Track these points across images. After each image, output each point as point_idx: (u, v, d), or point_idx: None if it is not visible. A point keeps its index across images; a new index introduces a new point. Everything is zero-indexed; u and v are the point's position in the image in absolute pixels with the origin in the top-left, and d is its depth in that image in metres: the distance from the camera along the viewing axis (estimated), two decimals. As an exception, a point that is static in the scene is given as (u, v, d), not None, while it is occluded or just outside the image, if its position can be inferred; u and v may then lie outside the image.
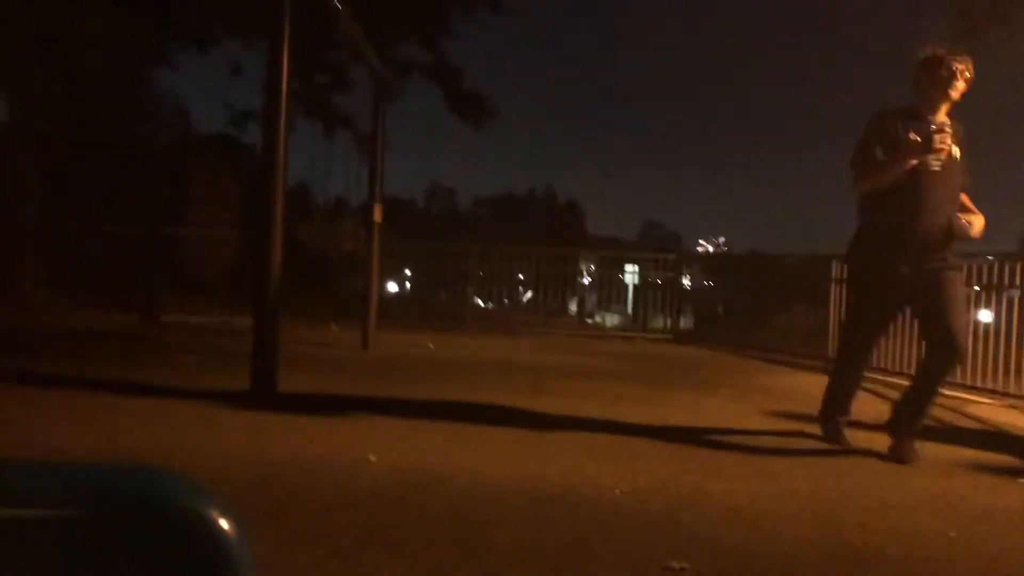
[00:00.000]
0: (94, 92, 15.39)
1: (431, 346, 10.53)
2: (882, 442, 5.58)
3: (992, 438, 6.27)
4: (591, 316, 19.66)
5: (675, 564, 3.13)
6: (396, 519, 3.52)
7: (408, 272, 17.54)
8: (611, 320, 19.48)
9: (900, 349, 9.29)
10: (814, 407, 7.16)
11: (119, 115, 19.62)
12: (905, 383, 8.80)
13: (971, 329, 8.47)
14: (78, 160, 15.78)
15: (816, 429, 6.10)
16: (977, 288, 8.83)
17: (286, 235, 6.43)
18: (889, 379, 9.21)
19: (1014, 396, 7.79)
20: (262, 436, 4.94)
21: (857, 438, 5.85)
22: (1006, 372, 7.93)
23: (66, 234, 12.59)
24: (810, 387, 8.61)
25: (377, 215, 9.57)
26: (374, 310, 9.70)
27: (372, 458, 4.50)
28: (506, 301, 16.56)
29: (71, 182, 15.02)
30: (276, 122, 6.18)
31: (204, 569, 0.86)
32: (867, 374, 8.69)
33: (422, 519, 3.54)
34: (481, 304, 15.75)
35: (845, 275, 9.50)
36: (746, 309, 14.59)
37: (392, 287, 17.36)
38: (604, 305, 19.70)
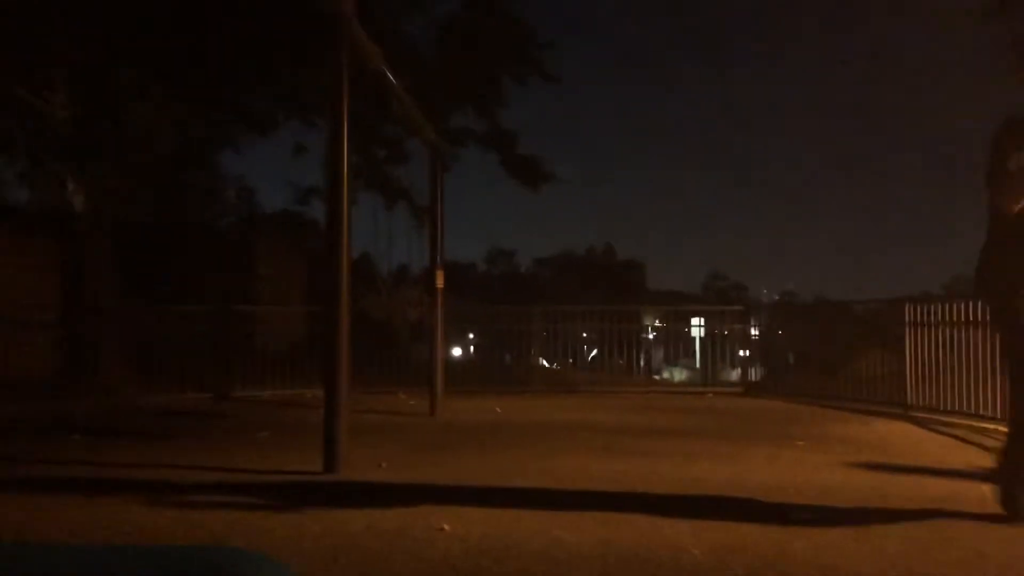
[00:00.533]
0: (163, 178, 16.05)
1: (499, 410, 10.51)
2: (971, 493, 5.36)
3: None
4: (659, 372, 19.44)
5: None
6: (472, 589, 3.48)
7: (472, 336, 17.63)
8: (679, 375, 19.24)
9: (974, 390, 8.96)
10: (895, 457, 6.94)
11: (188, 199, 20.40)
12: (990, 426, 8.47)
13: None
14: (151, 244, 16.38)
15: (899, 480, 5.90)
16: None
17: (352, 306, 6.54)
18: (973, 423, 8.88)
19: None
20: (335, 508, 4.97)
21: (941, 487, 5.63)
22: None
23: (142, 317, 13.02)
24: (889, 435, 8.34)
25: (439, 281, 9.69)
26: (440, 376, 9.74)
27: (445, 527, 4.48)
28: (571, 360, 16.49)
29: (144, 265, 15.57)
30: (338, 198, 6.34)
31: None
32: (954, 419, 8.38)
33: (499, 588, 3.49)
34: (546, 365, 15.71)
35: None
36: (817, 357, 14.26)
37: (457, 351, 17.46)
38: (671, 360, 19.48)
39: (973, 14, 16.53)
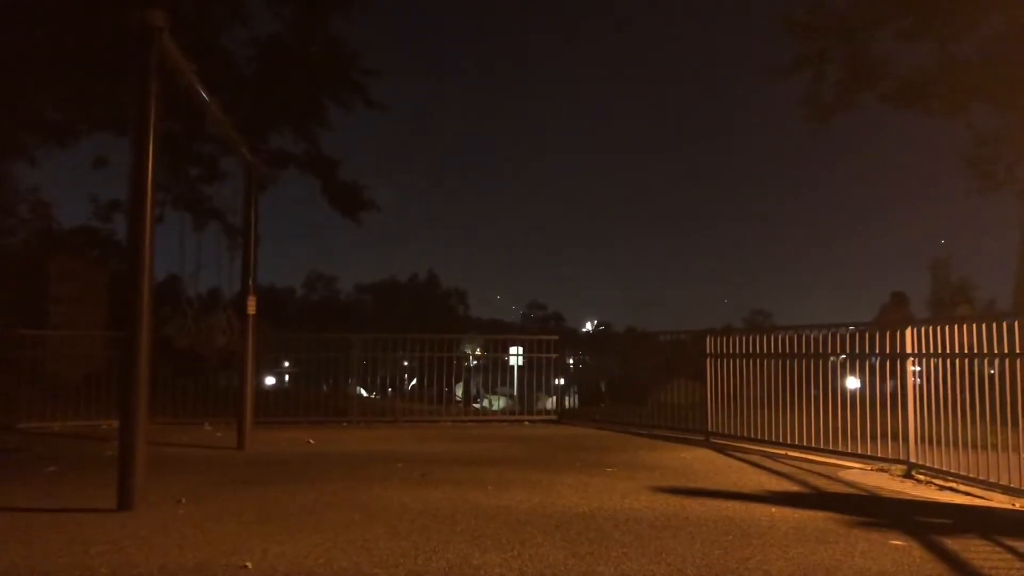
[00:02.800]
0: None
1: (311, 441, 10.20)
2: (761, 513, 5.71)
3: (864, 502, 6.51)
4: (477, 401, 19.56)
5: (566, 654, 3.07)
6: (274, 629, 3.32)
7: (287, 364, 17.06)
8: (497, 403, 19.43)
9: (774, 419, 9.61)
10: (697, 482, 7.30)
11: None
12: (780, 451, 9.09)
13: (838, 397, 8.88)
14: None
15: (696, 502, 6.20)
16: (843, 356, 9.26)
17: (155, 332, 6.17)
18: (766, 448, 9.49)
19: (882, 459, 8.13)
20: (130, 547, 4.62)
21: (733, 509, 5.96)
22: (873, 437, 8.29)
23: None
24: (692, 461, 8.77)
25: (251, 307, 9.32)
26: (250, 406, 9.34)
27: (248, 565, 4.26)
28: (390, 390, 16.29)
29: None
30: (141, 214, 5.98)
31: None
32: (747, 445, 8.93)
33: (302, 627, 3.35)
34: (364, 394, 15.43)
35: (779, 346, 9.69)
36: (628, 386, 14.83)
37: (270, 381, 16.82)
38: (490, 389, 19.66)
39: (771, 72, 18.01)
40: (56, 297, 17.93)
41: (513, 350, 16.25)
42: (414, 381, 16.10)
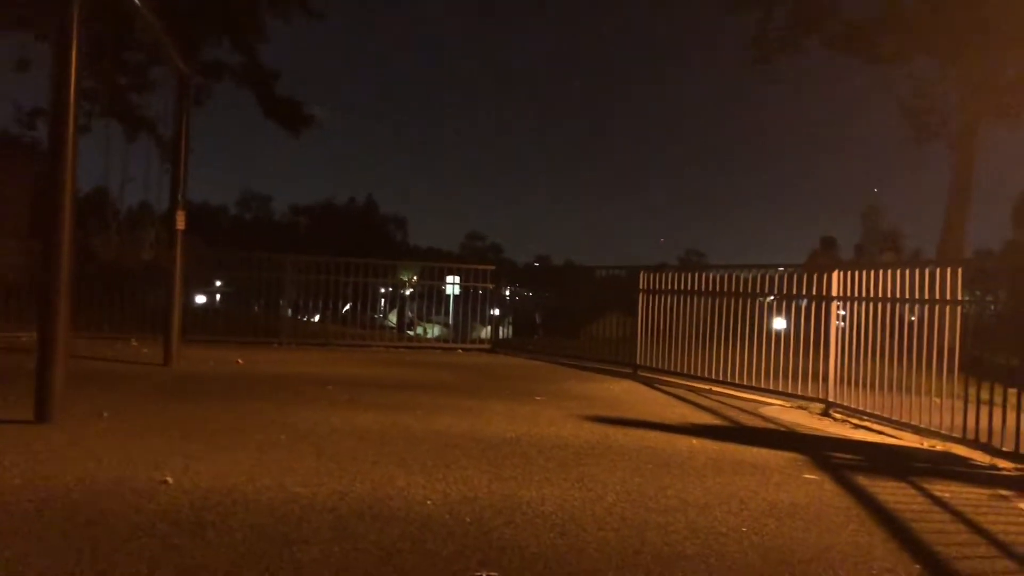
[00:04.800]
0: None
1: (240, 361, 10.10)
2: (681, 443, 5.86)
3: (781, 437, 6.73)
4: (411, 328, 19.56)
5: (484, 573, 3.12)
6: (194, 542, 3.31)
7: (218, 283, 16.75)
8: (432, 332, 19.45)
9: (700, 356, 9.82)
10: (622, 412, 7.44)
11: None
12: (703, 386, 9.32)
13: (765, 336, 9.09)
14: None
15: (620, 431, 6.33)
16: (772, 297, 9.46)
17: (79, 243, 5.96)
18: (690, 383, 9.72)
19: (802, 398, 8.40)
20: (46, 460, 4.53)
21: (655, 439, 6.11)
22: (795, 376, 8.54)
23: None
24: (619, 393, 8.94)
25: (180, 222, 9.07)
26: (177, 323, 9.17)
27: (168, 479, 4.22)
28: (324, 314, 16.17)
29: None
30: (63, 122, 5.71)
31: None
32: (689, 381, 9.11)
33: (223, 541, 3.35)
34: (297, 317, 15.28)
35: (711, 284, 9.83)
36: (562, 319, 14.98)
37: (201, 299, 16.51)
38: (425, 317, 19.65)
39: (721, 6, 17.92)
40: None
41: (450, 279, 16.22)
42: (348, 306, 15.99)
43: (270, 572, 3.04)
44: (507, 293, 16.13)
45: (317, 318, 16.06)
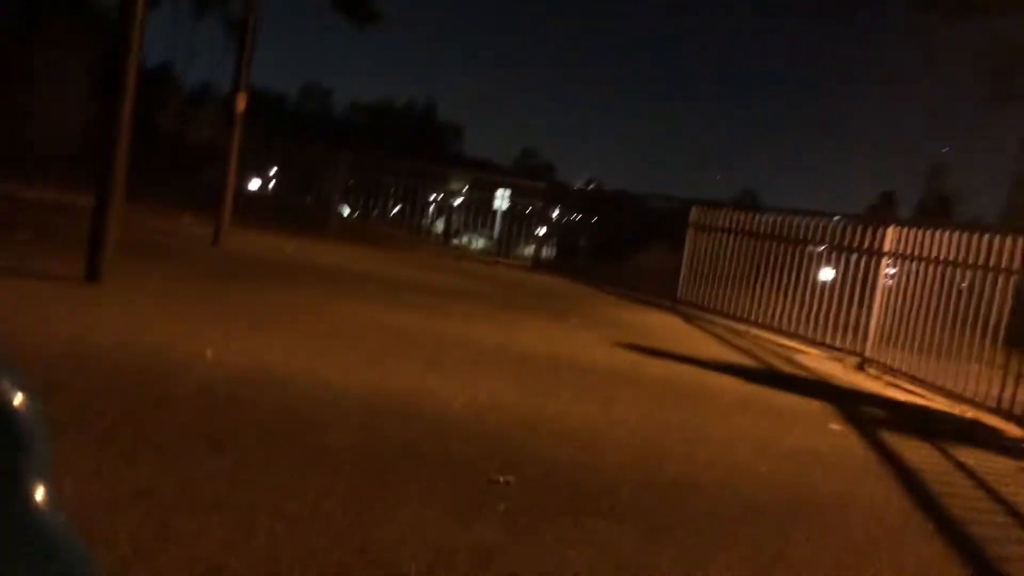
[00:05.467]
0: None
1: (288, 250, 10.24)
2: (711, 379, 5.88)
3: (813, 386, 6.70)
4: (457, 236, 19.64)
5: (501, 478, 3.20)
6: (225, 415, 3.42)
7: (272, 171, 16.90)
8: (476, 243, 19.51)
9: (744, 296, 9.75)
10: (657, 343, 7.46)
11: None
12: (743, 327, 9.28)
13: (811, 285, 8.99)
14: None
15: (652, 361, 6.35)
16: (823, 247, 9.32)
17: (141, 115, 6.02)
18: (731, 323, 9.68)
19: (839, 350, 8.33)
20: (92, 321, 4.69)
21: (686, 373, 6.13)
22: (835, 328, 8.45)
23: None
24: (656, 324, 8.95)
25: (240, 105, 9.11)
26: (230, 205, 9.29)
27: (208, 353, 4.35)
28: (373, 212, 16.28)
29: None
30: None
31: None
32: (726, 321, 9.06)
33: (253, 417, 3.46)
34: (346, 213, 15.42)
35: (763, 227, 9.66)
36: (607, 245, 14.93)
37: (255, 184, 16.70)
38: (471, 227, 19.70)
39: None
40: (42, 64, 17.38)
41: (500, 193, 16.18)
42: (397, 207, 16.07)
43: (297, 451, 3.14)
44: (555, 213, 16.07)
45: (365, 216, 16.19)
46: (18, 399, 0.76)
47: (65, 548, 0.83)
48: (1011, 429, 6.00)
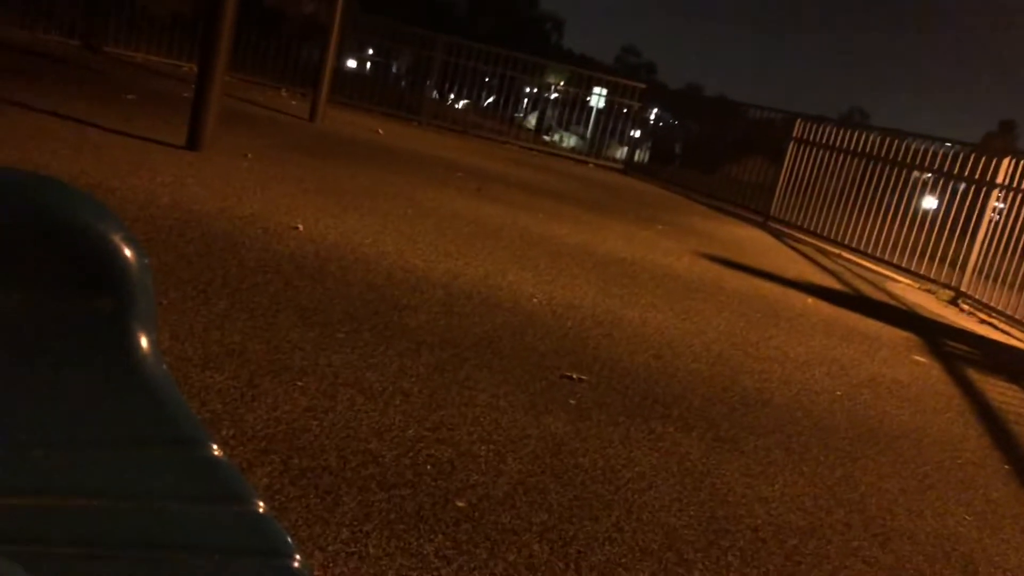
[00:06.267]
0: None
1: (381, 131, 10.30)
2: (795, 300, 5.78)
3: (900, 315, 6.53)
4: (548, 133, 19.40)
5: (574, 375, 3.24)
6: (314, 289, 3.53)
7: (370, 51, 16.82)
8: (568, 141, 19.26)
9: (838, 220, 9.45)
10: (742, 257, 7.33)
11: None
12: (835, 250, 9.03)
13: (909, 213, 8.64)
14: None
15: (737, 275, 6.26)
16: (930, 174, 8.91)
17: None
18: (823, 244, 9.42)
19: (933, 281, 8.05)
20: (192, 186, 4.84)
21: (770, 290, 6.03)
22: (931, 258, 8.15)
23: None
24: (744, 238, 8.77)
25: (344, -19, 9.02)
26: (327, 82, 9.34)
27: (299, 227, 4.46)
28: (466, 101, 16.15)
29: None
30: None
31: (92, 286, 0.83)
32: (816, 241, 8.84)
33: (341, 292, 3.56)
34: (439, 99, 15.33)
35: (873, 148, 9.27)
36: (702, 153, 14.56)
37: (352, 63, 16.69)
38: (564, 124, 19.41)
39: None
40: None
41: (596, 90, 15.83)
42: (491, 98, 15.91)
43: (379, 328, 3.24)
44: (652, 116, 15.69)
45: (460, 104, 16.08)
46: (128, 252, 0.80)
47: (165, 395, 0.89)
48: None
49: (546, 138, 18.09)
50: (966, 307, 7.51)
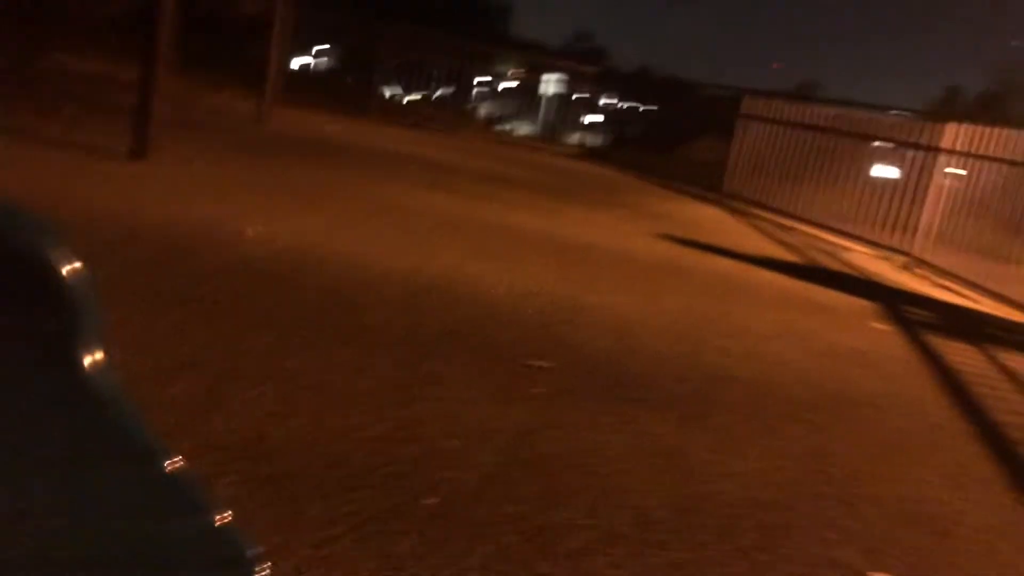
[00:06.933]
0: None
1: (330, 129, 10.18)
2: (751, 274, 5.82)
3: (858, 284, 6.61)
4: (502, 121, 19.35)
5: (539, 363, 3.22)
6: (269, 293, 3.47)
7: (317, 48, 16.63)
8: (522, 128, 19.22)
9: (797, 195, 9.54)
10: (700, 236, 7.38)
11: None
12: (789, 223, 9.13)
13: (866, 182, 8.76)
14: None
15: (694, 253, 6.30)
16: (878, 142, 9.03)
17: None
18: (777, 218, 9.52)
19: (890, 249, 8.17)
20: (139, 195, 4.73)
21: (729, 266, 6.07)
22: (884, 226, 8.27)
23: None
24: (700, 217, 8.83)
25: (286, -22, 8.89)
26: (273, 83, 9.21)
27: (250, 231, 4.38)
28: (417, 94, 16.05)
29: None
30: None
31: (34, 304, 0.79)
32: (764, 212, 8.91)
33: (296, 295, 3.50)
34: (390, 93, 15.21)
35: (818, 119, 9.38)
36: (657, 135, 14.62)
37: (299, 62, 16.48)
38: (517, 112, 19.37)
39: None
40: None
41: (548, 77, 15.81)
42: (442, 89, 15.81)
43: (338, 329, 3.19)
44: (605, 100, 15.71)
45: (411, 96, 15.96)
46: (70, 265, 0.76)
47: (119, 411, 0.85)
48: (1059, 334, 5.90)
49: (500, 127, 18.05)
50: (920, 272, 7.63)
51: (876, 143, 9.09)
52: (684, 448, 2.73)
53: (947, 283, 7.22)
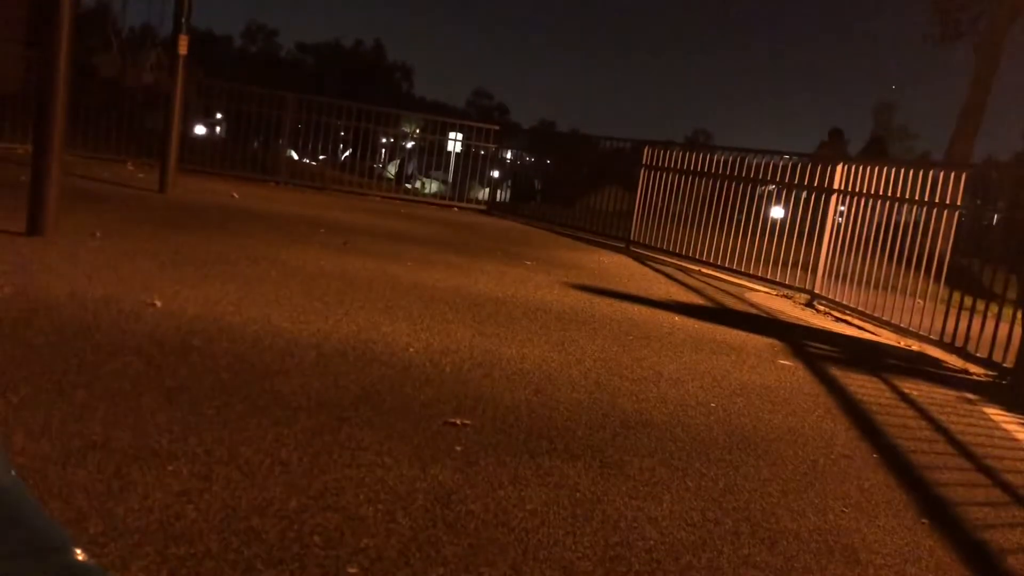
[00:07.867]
0: None
1: (236, 195, 10.06)
2: (662, 318, 5.96)
3: (763, 323, 6.84)
4: (410, 181, 19.44)
5: (458, 420, 3.23)
6: (177, 366, 3.39)
7: (218, 115, 16.46)
8: (430, 187, 19.34)
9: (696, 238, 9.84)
10: (610, 284, 7.52)
11: None
12: (694, 267, 9.39)
13: (760, 224, 9.09)
14: None
15: (606, 301, 6.42)
16: (773, 185, 9.41)
17: (79, 59, 5.81)
18: (682, 263, 9.79)
19: (788, 287, 8.48)
20: (37, 272, 4.58)
21: (639, 312, 6.21)
22: (784, 265, 8.59)
23: None
24: (609, 265, 9.01)
25: (182, 47, 8.82)
26: (175, 151, 9.07)
27: (157, 303, 4.28)
28: (322, 157, 16.00)
29: None
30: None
31: None
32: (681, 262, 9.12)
33: (207, 366, 3.43)
34: (295, 157, 15.13)
35: (713, 167, 9.74)
36: (561, 187, 14.89)
37: (201, 130, 16.28)
38: (424, 171, 19.50)
39: None
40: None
41: (452, 135, 15.99)
42: (348, 152, 15.82)
43: (251, 399, 3.13)
44: (509, 156, 15.96)
45: (316, 161, 15.91)
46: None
47: (15, 503, 0.83)
48: (953, 360, 6.20)
49: (408, 185, 18.12)
50: (822, 308, 7.94)
51: (772, 186, 9.48)
52: (604, 496, 2.76)
53: (848, 317, 7.52)
